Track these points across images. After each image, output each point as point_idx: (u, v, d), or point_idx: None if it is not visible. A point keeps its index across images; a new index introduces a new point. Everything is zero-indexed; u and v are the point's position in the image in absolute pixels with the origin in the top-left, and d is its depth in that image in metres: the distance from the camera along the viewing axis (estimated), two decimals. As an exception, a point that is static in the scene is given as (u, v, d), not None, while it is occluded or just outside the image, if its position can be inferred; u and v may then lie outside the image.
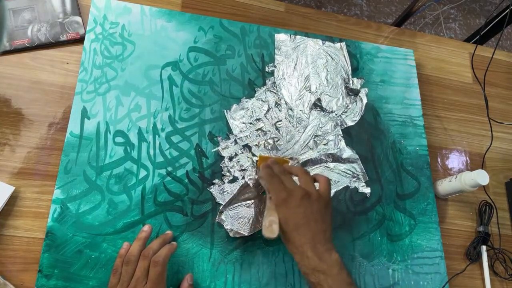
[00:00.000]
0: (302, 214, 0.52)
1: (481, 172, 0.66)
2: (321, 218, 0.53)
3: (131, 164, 0.62)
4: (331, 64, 0.77)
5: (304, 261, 0.50)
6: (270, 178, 0.56)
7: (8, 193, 0.56)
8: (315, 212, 0.53)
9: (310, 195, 0.54)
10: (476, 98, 0.87)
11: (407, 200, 0.71)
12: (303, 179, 0.57)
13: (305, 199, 0.53)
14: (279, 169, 0.58)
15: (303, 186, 0.55)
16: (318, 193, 0.55)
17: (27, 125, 0.62)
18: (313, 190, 0.55)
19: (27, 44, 0.66)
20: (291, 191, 0.54)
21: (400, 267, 0.66)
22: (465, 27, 2.06)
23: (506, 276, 0.72)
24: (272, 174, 0.57)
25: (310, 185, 0.55)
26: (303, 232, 0.51)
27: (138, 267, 0.52)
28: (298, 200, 0.53)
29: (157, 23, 0.72)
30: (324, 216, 0.54)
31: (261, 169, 0.59)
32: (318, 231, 0.52)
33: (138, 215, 0.60)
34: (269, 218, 0.53)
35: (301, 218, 0.52)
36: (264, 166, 0.59)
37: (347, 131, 0.73)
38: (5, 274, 0.53)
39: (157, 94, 0.67)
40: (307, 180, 0.56)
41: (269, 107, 0.71)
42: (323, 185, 0.56)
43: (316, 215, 0.53)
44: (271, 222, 0.53)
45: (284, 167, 0.60)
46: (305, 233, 0.51)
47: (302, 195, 0.53)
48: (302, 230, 0.51)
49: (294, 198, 0.53)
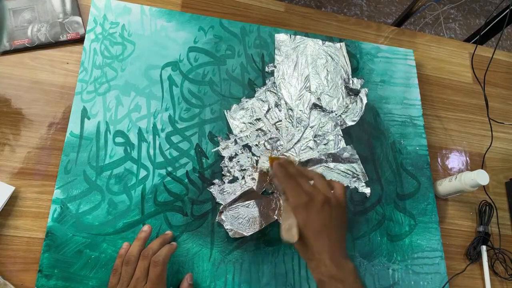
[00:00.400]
0: (322, 221, 0.50)
1: (481, 172, 0.66)
2: (340, 226, 0.52)
3: (131, 164, 0.62)
4: (331, 64, 0.77)
5: (321, 268, 0.49)
6: (286, 179, 0.53)
7: (8, 193, 0.56)
8: (334, 219, 0.51)
9: (330, 201, 0.52)
10: (476, 98, 0.87)
11: (407, 200, 0.71)
12: (320, 183, 0.54)
13: (326, 204, 0.51)
14: (295, 170, 0.55)
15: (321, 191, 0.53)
16: (337, 199, 0.53)
17: (27, 125, 0.62)
18: (331, 195, 0.53)
19: (27, 44, 0.66)
20: (312, 195, 0.51)
21: (400, 267, 0.66)
22: (465, 27, 2.06)
23: (506, 276, 0.72)
24: (288, 174, 0.54)
25: (327, 190, 0.53)
26: (322, 239, 0.49)
27: (138, 267, 0.52)
28: (320, 206, 0.51)
29: (157, 23, 0.72)
30: (342, 224, 0.52)
31: (275, 167, 0.56)
32: (336, 239, 0.50)
33: (138, 215, 0.60)
34: (288, 221, 0.51)
35: (321, 224, 0.50)
36: (279, 164, 0.56)
37: (347, 131, 0.73)
38: (5, 274, 0.53)
39: (157, 94, 0.67)
40: (325, 185, 0.54)
41: (269, 107, 0.71)
42: (340, 191, 0.54)
43: (335, 222, 0.51)
44: (290, 226, 0.50)
45: (299, 169, 0.57)
46: (324, 240, 0.49)
47: (324, 200, 0.51)
48: (321, 237, 0.49)
49: (315, 203, 0.51)
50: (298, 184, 0.53)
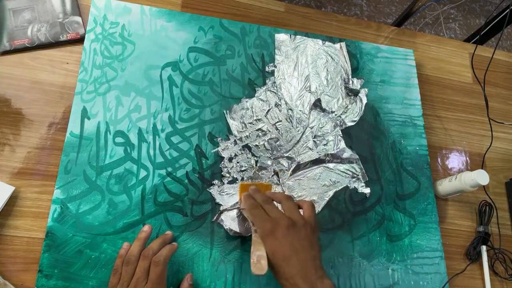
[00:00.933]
0: (290, 245, 0.50)
1: (481, 172, 0.66)
2: (310, 245, 0.51)
3: (131, 165, 0.62)
4: (331, 64, 0.77)
5: None
6: (253, 210, 0.54)
7: (8, 193, 0.56)
8: (303, 239, 0.51)
9: (295, 223, 0.52)
10: (476, 98, 0.87)
11: (407, 200, 0.71)
12: (286, 205, 0.54)
13: (291, 227, 0.51)
14: (261, 198, 0.56)
15: (287, 213, 0.53)
16: (303, 219, 0.53)
17: (27, 125, 0.62)
18: (298, 216, 0.53)
19: (27, 44, 0.66)
20: (276, 221, 0.52)
21: (400, 267, 0.66)
22: (465, 27, 2.06)
23: (506, 276, 0.72)
24: (254, 205, 0.55)
25: (294, 212, 0.53)
26: (292, 263, 0.49)
27: (138, 267, 0.52)
28: (285, 230, 0.51)
29: (157, 23, 0.72)
30: (312, 243, 0.52)
31: (243, 199, 0.56)
32: (308, 259, 0.50)
33: (138, 215, 0.60)
34: (256, 254, 0.50)
35: (289, 248, 0.50)
36: (246, 196, 0.56)
37: (347, 131, 0.73)
38: (5, 274, 0.54)
39: (157, 95, 0.67)
40: (290, 206, 0.54)
41: (269, 107, 0.71)
42: (308, 210, 0.54)
43: (304, 242, 0.51)
44: (259, 258, 0.50)
45: (267, 194, 0.57)
46: (295, 263, 0.49)
47: (288, 224, 0.51)
48: (292, 261, 0.49)
49: (280, 228, 0.51)
50: (264, 213, 0.53)
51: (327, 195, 0.67)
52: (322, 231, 0.65)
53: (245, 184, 0.61)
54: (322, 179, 0.68)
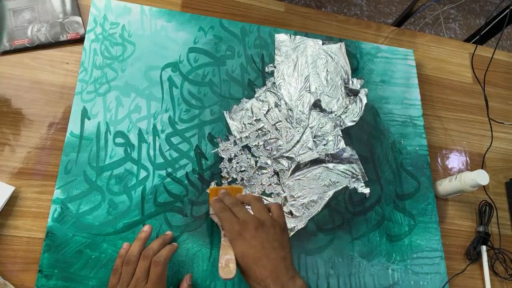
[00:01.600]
0: (259, 246, 0.49)
1: (481, 172, 0.66)
2: (280, 245, 0.50)
3: (131, 165, 0.62)
4: (331, 64, 0.77)
5: None
6: (221, 213, 0.53)
7: (8, 193, 0.56)
8: (272, 240, 0.50)
9: (264, 223, 0.51)
10: (476, 98, 0.87)
11: (406, 200, 0.71)
12: (255, 207, 0.54)
13: (260, 228, 0.50)
14: (230, 200, 0.55)
15: (256, 214, 0.52)
16: (272, 219, 0.52)
17: (27, 125, 0.62)
18: (266, 217, 0.52)
19: (27, 44, 0.66)
20: (244, 223, 0.51)
21: (400, 267, 0.66)
22: (465, 27, 2.06)
23: (506, 276, 0.72)
24: (223, 207, 0.54)
25: (263, 213, 0.52)
26: (262, 264, 0.48)
27: (138, 267, 0.52)
28: (253, 231, 0.50)
29: (157, 23, 0.72)
30: (282, 242, 0.51)
31: (212, 203, 0.56)
32: (278, 260, 0.49)
33: (138, 216, 0.60)
34: (224, 257, 0.49)
35: (259, 249, 0.49)
36: (215, 200, 0.55)
37: (347, 131, 0.73)
38: (5, 274, 0.54)
39: (157, 95, 0.67)
40: (259, 207, 0.53)
41: (269, 107, 0.71)
42: (276, 211, 0.54)
43: (274, 243, 0.50)
44: (227, 261, 0.49)
45: (236, 197, 0.57)
46: (265, 265, 0.48)
47: (256, 224, 0.50)
48: (262, 262, 0.48)
49: (248, 229, 0.50)
50: (232, 215, 0.52)
51: (327, 195, 0.67)
52: (322, 231, 0.65)
53: (214, 188, 0.59)
54: (322, 179, 0.68)
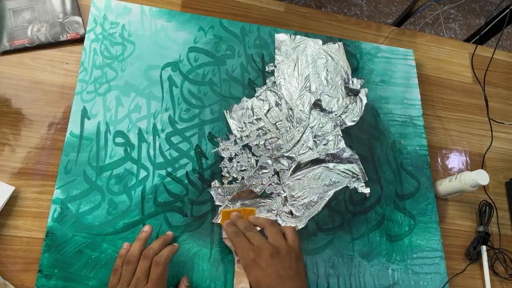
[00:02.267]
0: (275, 274, 0.48)
1: (481, 172, 0.66)
2: (295, 274, 0.49)
3: (131, 165, 0.62)
4: (331, 64, 0.77)
5: None
6: (235, 238, 0.52)
7: (8, 193, 0.56)
8: (288, 268, 0.49)
9: (279, 251, 0.50)
10: (476, 98, 0.87)
11: (407, 200, 0.71)
12: (270, 232, 0.52)
13: (275, 255, 0.49)
14: (243, 224, 0.54)
15: (271, 240, 0.51)
16: (288, 246, 0.51)
17: (27, 125, 0.62)
18: (282, 243, 0.51)
19: (27, 44, 0.66)
20: (259, 250, 0.49)
21: (400, 267, 0.66)
22: (465, 27, 2.06)
23: (506, 276, 0.72)
24: (236, 232, 0.52)
25: (277, 238, 0.51)
26: None
27: (138, 267, 0.52)
28: (268, 259, 0.48)
29: (157, 23, 0.72)
30: (298, 271, 0.50)
31: (225, 227, 0.54)
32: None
33: (138, 215, 0.60)
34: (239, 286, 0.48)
35: (274, 278, 0.47)
36: (228, 224, 0.54)
37: (347, 131, 0.73)
38: (5, 274, 0.54)
39: (157, 95, 0.67)
40: (274, 232, 0.52)
41: (269, 106, 0.71)
42: (291, 236, 0.53)
43: (289, 271, 0.49)
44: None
45: (249, 220, 0.55)
46: None
47: (271, 252, 0.49)
48: None
49: (264, 257, 0.49)
50: (246, 241, 0.51)
51: (327, 195, 0.67)
52: (322, 231, 0.65)
53: (226, 211, 0.59)
54: (322, 179, 0.68)
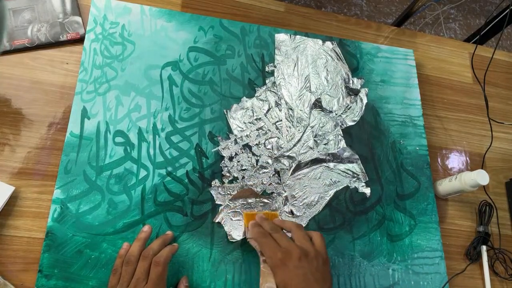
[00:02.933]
0: (302, 276, 0.48)
1: (481, 172, 0.66)
2: (322, 278, 0.49)
3: (131, 164, 0.62)
4: (331, 64, 0.77)
5: None
6: (261, 238, 0.52)
7: (8, 193, 0.56)
8: (315, 271, 0.49)
9: (307, 254, 0.50)
10: (476, 98, 0.87)
11: (407, 200, 0.71)
12: (297, 235, 0.52)
13: (303, 258, 0.49)
14: (270, 226, 0.54)
15: (298, 243, 0.51)
16: (315, 250, 0.51)
17: (27, 125, 0.62)
18: (310, 247, 0.51)
19: (27, 44, 0.66)
20: (288, 251, 0.49)
21: (400, 267, 0.66)
22: (465, 27, 2.06)
23: (506, 276, 0.72)
24: (263, 233, 0.52)
25: (305, 242, 0.51)
26: None
27: (138, 267, 0.52)
28: (296, 261, 0.48)
29: (157, 23, 0.72)
30: (324, 275, 0.50)
31: (250, 228, 0.55)
32: None
33: (138, 215, 0.60)
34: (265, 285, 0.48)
35: (302, 280, 0.47)
36: (253, 224, 0.54)
37: (347, 131, 0.73)
38: (5, 274, 0.53)
39: (157, 94, 0.67)
40: (302, 235, 0.52)
41: (269, 106, 0.71)
42: (318, 241, 0.53)
43: (317, 275, 0.49)
44: None
45: (275, 222, 0.55)
46: None
47: (300, 254, 0.49)
48: None
49: (292, 259, 0.49)
50: (274, 242, 0.51)
51: (327, 194, 0.67)
52: (323, 231, 0.65)
53: (250, 212, 0.59)
54: (322, 178, 0.68)
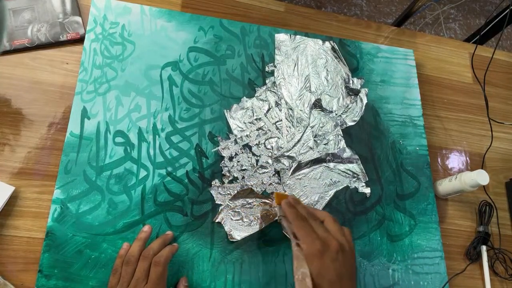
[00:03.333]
0: (337, 270, 0.48)
1: (481, 172, 0.66)
2: (353, 274, 0.50)
3: (131, 164, 0.62)
4: (331, 64, 0.77)
5: None
6: (298, 221, 0.51)
7: (8, 193, 0.56)
8: (349, 266, 0.49)
9: (344, 248, 0.49)
10: (476, 98, 0.87)
11: (407, 200, 0.71)
12: (333, 226, 0.51)
13: (340, 252, 0.49)
14: (305, 210, 0.53)
15: (334, 235, 0.50)
16: (350, 245, 0.51)
17: (27, 125, 0.62)
18: (345, 242, 0.50)
19: (27, 44, 0.66)
20: (326, 242, 0.49)
21: (400, 267, 0.66)
22: (465, 27, 2.06)
23: (506, 276, 0.72)
24: (301, 216, 0.52)
25: (341, 236, 0.50)
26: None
27: (138, 267, 0.52)
28: (334, 254, 0.48)
29: (157, 23, 0.72)
30: (354, 271, 0.50)
31: (285, 207, 0.53)
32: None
33: (138, 215, 0.60)
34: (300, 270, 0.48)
35: (336, 274, 0.47)
36: (289, 204, 0.53)
37: (347, 131, 0.73)
38: (5, 274, 0.53)
39: (157, 94, 0.67)
40: (337, 228, 0.51)
41: (269, 106, 0.71)
42: (350, 236, 0.52)
43: (350, 270, 0.49)
44: (303, 275, 0.48)
45: (309, 209, 0.54)
46: None
47: (338, 248, 0.49)
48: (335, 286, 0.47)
49: (330, 251, 0.48)
50: (311, 228, 0.50)
51: (327, 194, 0.67)
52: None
53: (281, 193, 0.58)
54: (322, 178, 0.68)
